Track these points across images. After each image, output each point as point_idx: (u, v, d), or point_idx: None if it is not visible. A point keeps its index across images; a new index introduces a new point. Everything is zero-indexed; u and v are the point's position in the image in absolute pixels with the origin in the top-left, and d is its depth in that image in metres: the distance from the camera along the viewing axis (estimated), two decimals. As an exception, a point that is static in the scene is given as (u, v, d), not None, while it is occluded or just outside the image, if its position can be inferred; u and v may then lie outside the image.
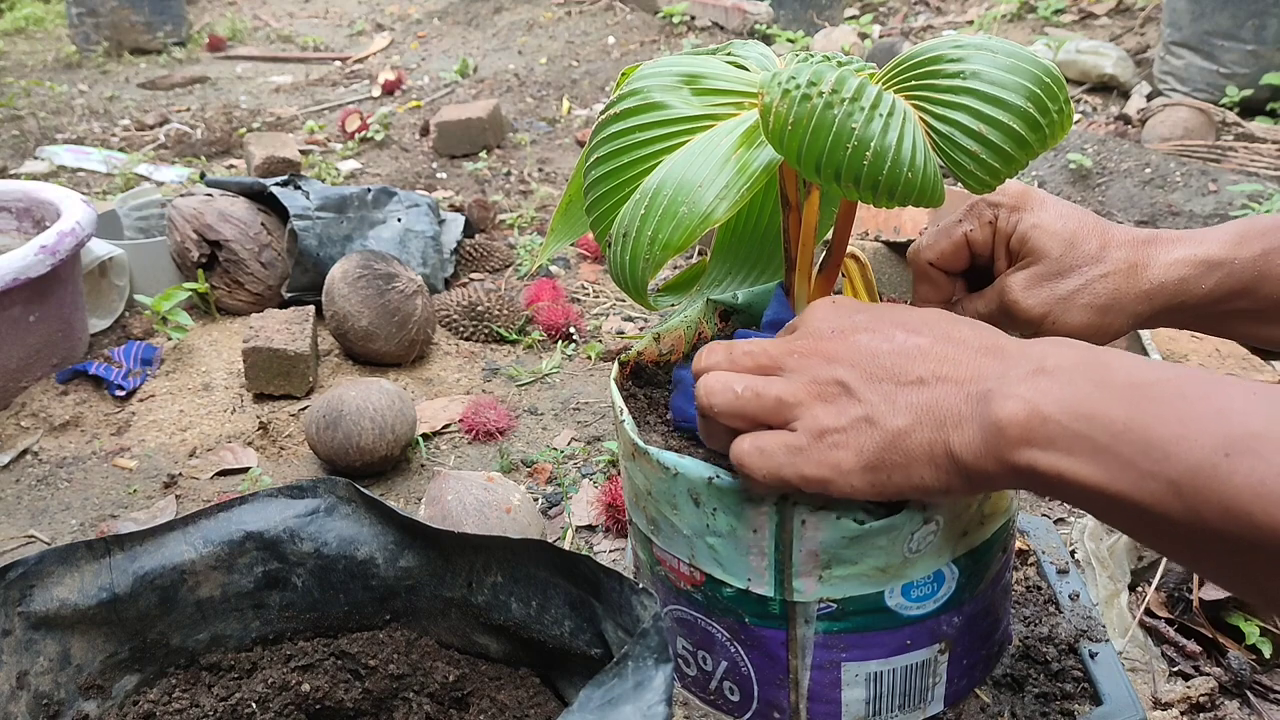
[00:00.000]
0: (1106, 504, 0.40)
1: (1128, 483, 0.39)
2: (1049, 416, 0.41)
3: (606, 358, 1.57)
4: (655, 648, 0.46)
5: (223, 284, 1.69)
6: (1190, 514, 0.37)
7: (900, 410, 0.45)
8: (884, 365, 0.46)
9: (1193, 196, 1.98)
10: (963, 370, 0.45)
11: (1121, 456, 0.39)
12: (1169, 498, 0.37)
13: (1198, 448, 0.37)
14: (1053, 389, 0.41)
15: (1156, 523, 0.39)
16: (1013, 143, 0.48)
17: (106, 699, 0.59)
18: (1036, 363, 0.43)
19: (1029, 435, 0.41)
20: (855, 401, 0.46)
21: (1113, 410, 0.40)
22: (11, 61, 4.07)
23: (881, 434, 0.45)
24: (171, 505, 1.24)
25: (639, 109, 0.53)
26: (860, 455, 0.46)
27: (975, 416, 0.43)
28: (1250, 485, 0.35)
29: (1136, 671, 0.88)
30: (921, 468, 0.45)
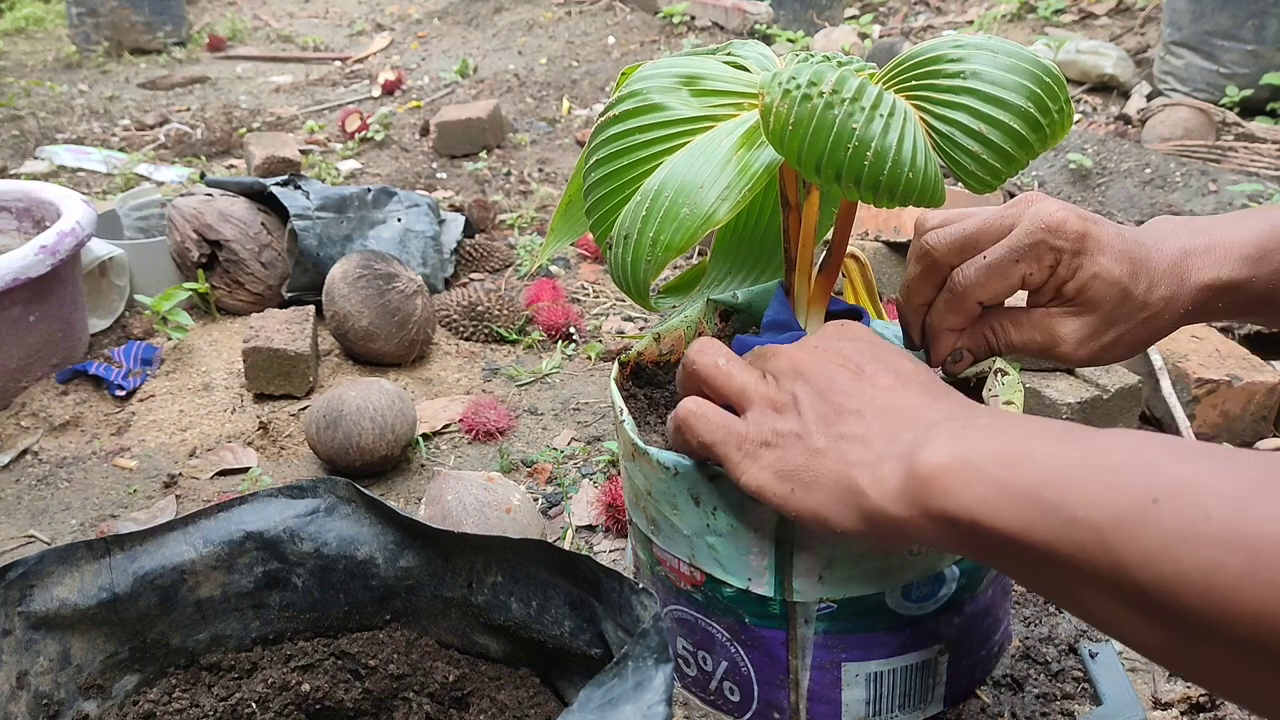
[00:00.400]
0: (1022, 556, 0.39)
1: (1049, 530, 0.37)
2: (970, 462, 0.41)
3: (606, 358, 1.57)
4: (655, 648, 0.46)
5: (223, 284, 1.69)
6: (1114, 563, 0.36)
7: (828, 435, 0.47)
8: (838, 390, 0.48)
9: (1193, 196, 1.98)
10: (902, 418, 0.46)
11: (1045, 502, 0.38)
12: (1092, 545, 0.36)
13: (1126, 494, 0.36)
14: (980, 440, 0.42)
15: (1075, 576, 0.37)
16: (1013, 142, 0.48)
17: (106, 699, 0.59)
18: (969, 420, 0.44)
19: (946, 480, 0.41)
20: (797, 416, 0.49)
21: (1038, 458, 0.39)
22: (11, 61, 4.07)
23: (803, 450, 0.47)
24: (171, 505, 1.24)
25: (639, 110, 0.53)
26: (778, 462, 0.48)
27: (895, 458, 0.44)
28: (1178, 529, 0.34)
29: (1136, 671, 0.88)
30: (824, 495, 0.46)
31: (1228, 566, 0.32)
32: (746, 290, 0.68)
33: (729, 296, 0.68)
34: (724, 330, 0.69)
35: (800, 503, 0.47)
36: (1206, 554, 0.33)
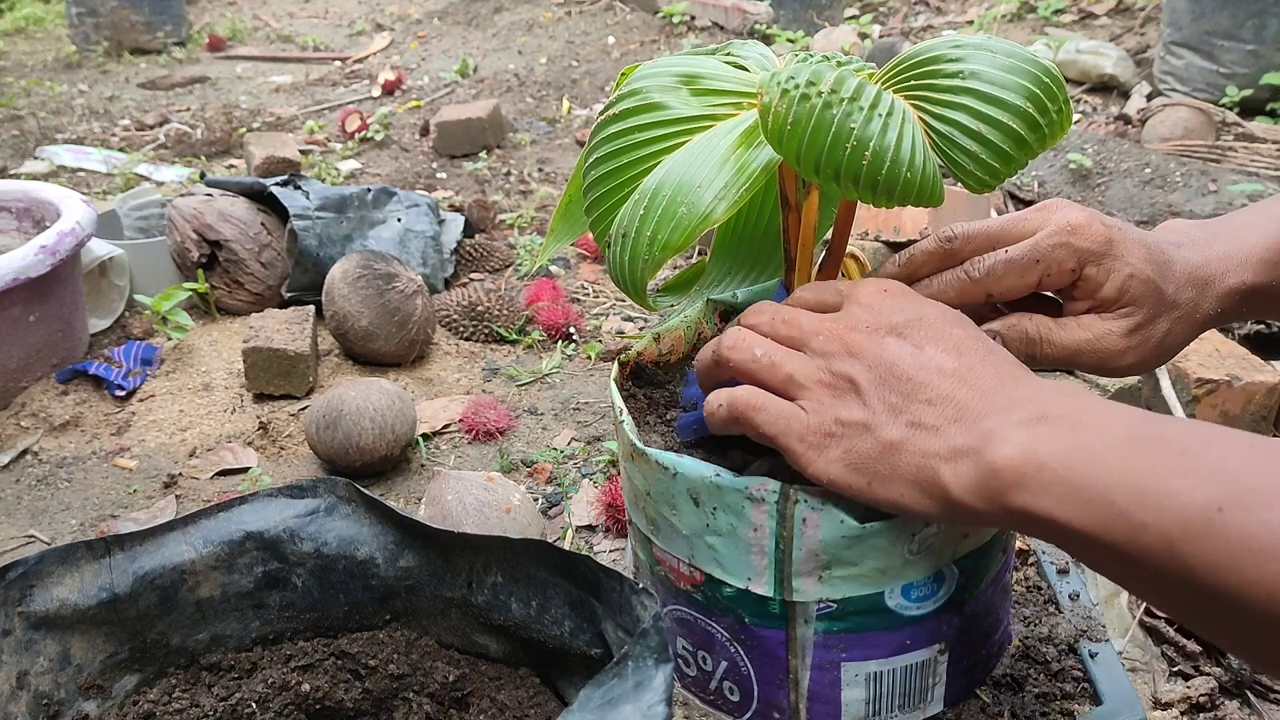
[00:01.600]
0: (1099, 552, 0.41)
1: (1120, 533, 0.39)
2: (1044, 464, 0.41)
3: (606, 358, 1.57)
4: (655, 648, 0.46)
5: (223, 284, 1.69)
6: (1182, 568, 0.37)
7: (900, 425, 0.46)
8: (901, 376, 0.47)
9: (1193, 196, 1.98)
10: (973, 405, 0.45)
11: (1115, 506, 0.39)
12: (1161, 551, 0.38)
13: (1192, 502, 0.37)
14: (1052, 437, 0.42)
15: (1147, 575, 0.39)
16: (1012, 142, 0.48)
17: (106, 699, 0.59)
18: (1041, 410, 0.44)
19: (1023, 480, 0.42)
20: (860, 404, 0.47)
21: (1109, 460, 0.40)
22: (11, 61, 4.07)
23: (874, 442, 0.47)
24: (171, 505, 1.24)
25: (638, 109, 0.53)
26: (848, 454, 0.47)
27: (971, 453, 0.44)
28: (1241, 540, 0.35)
29: (1136, 671, 0.88)
30: (904, 486, 0.46)
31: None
32: (746, 290, 0.68)
33: (729, 296, 0.68)
34: (723, 330, 0.69)
35: (877, 493, 0.47)
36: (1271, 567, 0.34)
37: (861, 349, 0.48)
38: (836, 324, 0.50)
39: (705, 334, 0.68)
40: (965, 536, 0.54)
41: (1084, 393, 0.46)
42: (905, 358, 0.48)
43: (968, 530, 0.54)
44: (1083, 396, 0.45)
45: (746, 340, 0.51)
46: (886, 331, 0.49)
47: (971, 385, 0.46)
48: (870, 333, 0.49)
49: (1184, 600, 0.39)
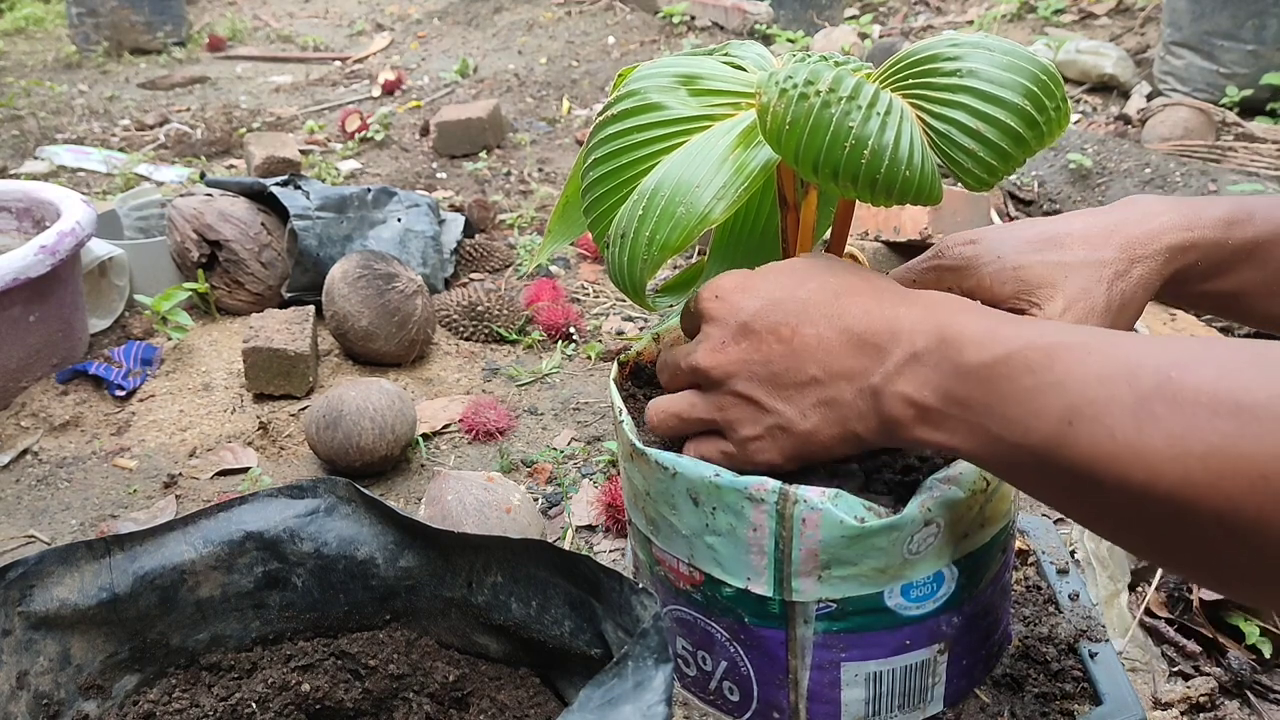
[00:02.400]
0: (992, 467, 0.46)
1: (1002, 453, 0.43)
2: (926, 404, 0.46)
3: (606, 358, 1.57)
4: (655, 648, 0.46)
5: (223, 284, 1.69)
6: (1055, 476, 0.41)
7: (807, 413, 0.50)
8: (778, 371, 0.50)
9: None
10: (849, 364, 0.49)
11: (990, 432, 0.43)
12: (1034, 464, 0.42)
13: (1045, 420, 0.41)
14: (924, 381, 0.46)
15: (1033, 482, 0.44)
16: (1010, 140, 0.48)
17: (106, 699, 0.59)
18: (907, 349, 0.47)
19: (916, 420, 0.46)
20: (765, 412, 0.51)
21: (974, 392, 0.44)
22: (11, 61, 4.07)
23: (795, 437, 0.50)
24: (171, 505, 1.24)
25: (637, 110, 0.53)
26: (782, 452, 0.51)
27: (872, 411, 0.48)
28: (1091, 448, 0.39)
29: (1136, 671, 0.88)
30: (836, 448, 0.50)
31: None
32: (746, 290, 0.68)
33: (728, 296, 0.68)
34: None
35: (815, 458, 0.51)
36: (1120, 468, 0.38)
37: (732, 366, 0.51)
38: (702, 352, 0.52)
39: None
40: (965, 537, 0.54)
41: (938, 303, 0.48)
42: (771, 352, 0.50)
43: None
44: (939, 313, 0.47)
45: (657, 407, 0.55)
46: (741, 336, 0.51)
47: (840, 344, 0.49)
48: (728, 346, 0.51)
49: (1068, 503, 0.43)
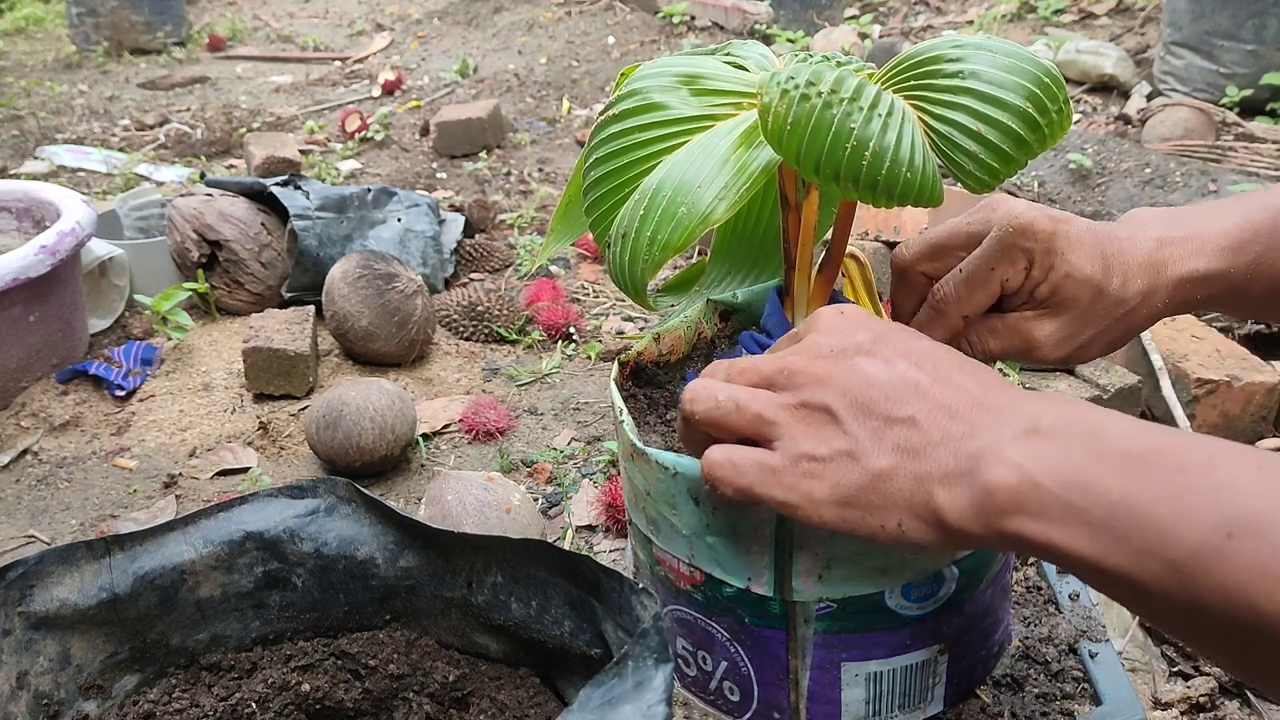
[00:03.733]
0: (1100, 577, 0.39)
1: (1123, 559, 0.37)
2: (1040, 484, 0.39)
3: (606, 358, 1.57)
4: (655, 648, 0.46)
5: (223, 284, 1.69)
6: (1189, 596, 0.36)
7: (885, 450, 0.44)
8: (876, 396, 0.44)
9: (1193, 196, 1.98)
10: (957, 421, 0.43)
11: (1116, 532, 0.37)
12: (1167, 577, 0.36)
13: (1198, 528, 0.35)
14: (1045, 453, 0.40)
15: (1153, 600, 0.37)
16: (1011, 142, 0.48)
17: (106, 699, 0.59)
18: (1031, 421, 0.41)
19: (1019, 502, 0.40)
20: (840, 432, 0.45)
21: (1107, 481, 0.38)
22: (11, 61, 4.07)
23: (861, 472, 0.44)
24: (171, 505, 1.24)
25: (638, 109, 0.53)
26: (835, 489, 0.44)
27: (964, 475, 0.42)
28: (1254, 568, 0.34)
29: (1136, 671, 0.88)
30: (899, 513, 0.43)
31: None
32: (746, 290, 0.68)
33: (729, 296, 0.68)
34: (724, 330, 0.69)
35: (872, 525, 0.44)
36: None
37: (830, 375, 0.45)
38: (799, 355, 0.47)
39: (705, 334, 0.68)
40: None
41: (1068, 400, 0.44)
42: (879, 375, 0.45)
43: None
44: (1070, 404, 0.43)
45: (708, 388, 0.48)
46: (854, 352, 0.46)
47: (953, 398, 0.44)
48: (836, 356, 0.46)
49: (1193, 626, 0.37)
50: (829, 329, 0.48)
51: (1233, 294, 0.57)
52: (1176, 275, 0.56)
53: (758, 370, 0.48)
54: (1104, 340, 0.57)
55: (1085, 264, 0.55)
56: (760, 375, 0.48)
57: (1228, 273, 0.56)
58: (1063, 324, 0.56)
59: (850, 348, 0.46)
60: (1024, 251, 0.54)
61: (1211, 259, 0.56)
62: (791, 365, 0.47)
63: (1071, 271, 0.54)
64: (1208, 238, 0.56)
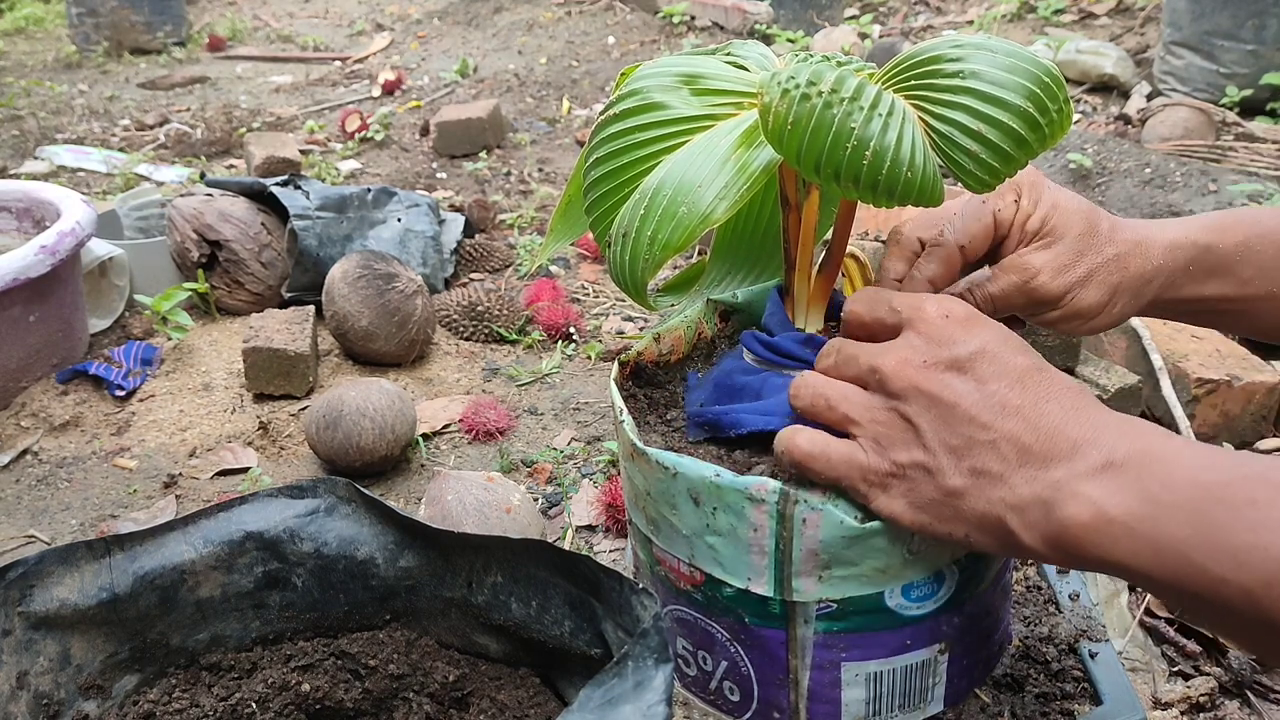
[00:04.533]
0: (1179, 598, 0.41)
1: (1198, 585, 0.39)
2: (1115, 519, 0.41)
3: (606, 358, 1.57)
4: (655, 648, 0.46)
5: (223, 284, 1.69)
6: (1265, 619, 0.38)
7: (962, 472, 0.45)
8: (963, 417, 0.46)
9: (1193, 196, 1.98)
10: (1037, 448, 0.45)
11: (1190, 560, 0.39)
12: (1242, 604, 0.38)
13: (1267, 560, 0.37)
14: (1120, 490, 0.42)
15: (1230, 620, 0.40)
16: (1012, 142, 0.48)
17: (106, 699, 0.59)
18: (1107, 455, 0.43)
19: (1094, 536, 0.42)
20: (920, 447, 0.46)
21: (1180, 514, 0.40)
22: (11, 61, 4.07)
23: (936, 488, 0.46)
24: (171, 505, 1.24)
25: (638, 109, 0.53)
26: (910, 494, 0.47)
27: (1039, 505, 0.44)
28: None
29: (1136, 671, 0.88)
30: (968, 527, 0.46)
31: None
32: (746, 290, 0.68)
33: (729, 296, 0.68)
34: (724, 330, 0.69)
35: (938, 531, 0.47)
36: None
37: (921, 387, 0.47)
38: (895, 357, 0.48)
39: (705, 334, 0.68)
40: (965, 536, 0.54)
41: (1146, 427, 0.45)
42: (967, 396, 0.46)
43: None
44: (1147, 435, 0.44)
45: (809, 383, 0.51)
46: (947, 366, 0.47)
47: (1035, 425, 0.45)
48: (930, 368, 0.47)
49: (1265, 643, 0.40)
50: (929, 334, 0.48)
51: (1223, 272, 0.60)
52: (1167, 238, 0.59)
53: (857, 362, 0.50)
54: (1102, 280, 0.58)
55: (1071, 200, 0.58)
56: (858, 368, 0.50)
57: (1215, 246, 0.59)
58: (1057, 252, 0.57)
59: (945, 361, 0.47)
60: (1011, 184, 0.57)
61: (1197, 231, 0.60)
62: (884, 368, 0.48)
63: (1058, 201, 0.58)
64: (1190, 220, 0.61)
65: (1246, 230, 0.59)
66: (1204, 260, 0.59)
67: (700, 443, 0.58)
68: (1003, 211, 0.58)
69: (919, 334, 0.49)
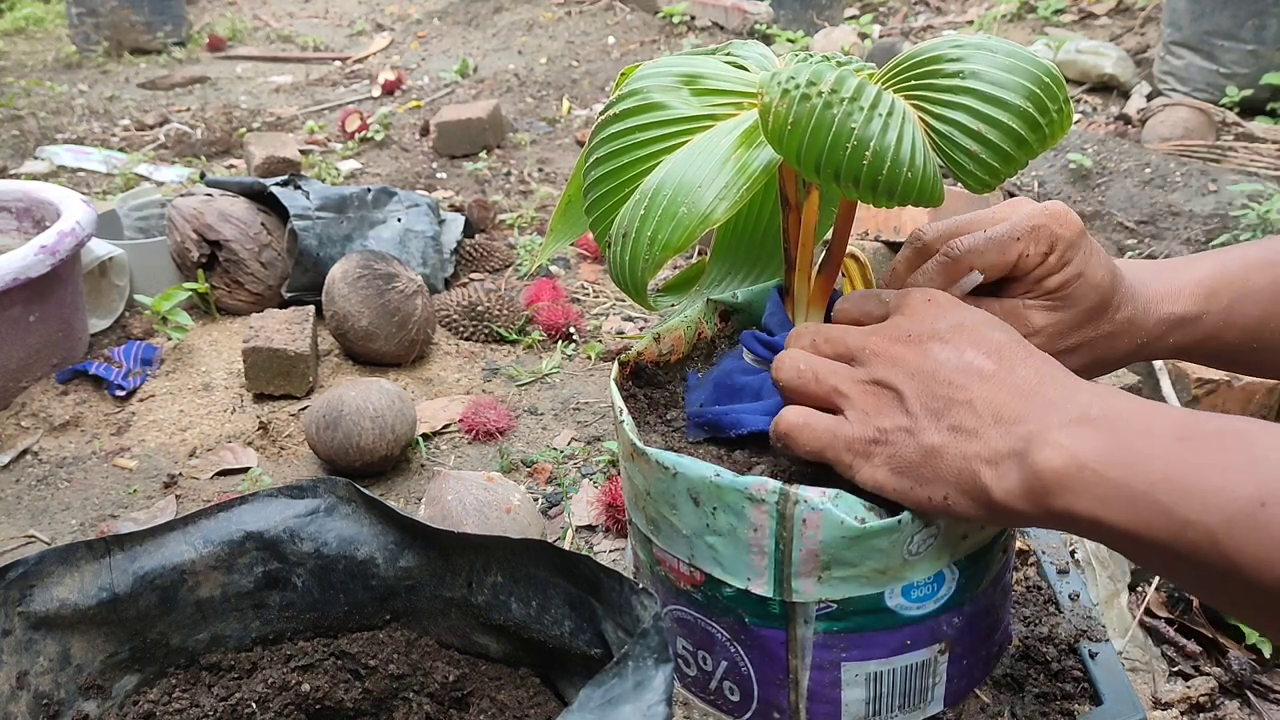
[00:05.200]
0: (1143, 549, 0.41)
1: (1164, 530, 0.40)
2: (1086, 464, 0.42)
3: (606, 358, 1.57)
4: (655, 648, 0.46)
5: (223, 284, 1.69)
6: (1226, 563, 0.38)
7: (941, 430, 0.47)
8: (943, 380, 0.48)
9: (1193, 196, 1.98)
10: (1011, 408, 0.46)
11: (1158, 504, 0.40)
12: (1205, 546, 0.38)
13: (1235, 498, 0.38)
14: (1094, 438, 0.43)
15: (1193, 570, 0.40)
16: (1012, 142, 0.48)
17: (106, 699, 0.59)
18: (1081, 410, 0.44)
19: (1066, 482, 0.42)
20: (903, 411, 0.48)
21: (1152, 459, 0.41)
22: (11, 61, 4.07)
23: (916, 446, 0.48)
24: (171, 505, 1.24)
25: (638, 109, 0.53)
26: (892, 459, 0.48)
27: (1013, 456, 0.45)
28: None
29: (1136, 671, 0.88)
30: (946, 488, 0.47)
31: None
32: (746, 290, 0.68)
33: (729, 296, 0.68)
34: (724, 330, 0.69)
35: (919, 495, 0.48)
36: None
37: (904, 357, 0.49)
38: (881, 335, 0.51)
39: (705, 334, 0.68)
40: (965, 538, 0.54)
41: (1122, 393, 0.46)
42: (947, 362, 0.48)
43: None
44: (1122, 397, 0.45)
45: (792, 358, 0.52)
46: (929, 338, 0.49)
47: (1011, 387, 0.47)
48: (913, 341, 0.50)
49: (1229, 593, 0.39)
50: (913, 314, 0.51)
51: (1209, 339, 0.59)
52: (1157, 315, 0.58)
53: (844, 342, 0.52)
54: (1085, 352, 0.58)
55: (1099, 270, 0.56)
56: (846, 347, 0.52)
57: (1201, 318, 0.58)
58: (1060, 319, 0.56)
59: (927, 333, 0.50)
60: (1050, 235, 0.55)
61: (1188, 303, 0.58)
62: (872, 345, 0.51)
63: (1086, 273, 0.56)
64: (1184, 284, 0.59)
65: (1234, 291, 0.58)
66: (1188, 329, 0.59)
67: (700, 443, 0.58)
68: (1029, 258, 0.56)
69: (904, 315, 0.51)
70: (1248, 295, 0.58)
